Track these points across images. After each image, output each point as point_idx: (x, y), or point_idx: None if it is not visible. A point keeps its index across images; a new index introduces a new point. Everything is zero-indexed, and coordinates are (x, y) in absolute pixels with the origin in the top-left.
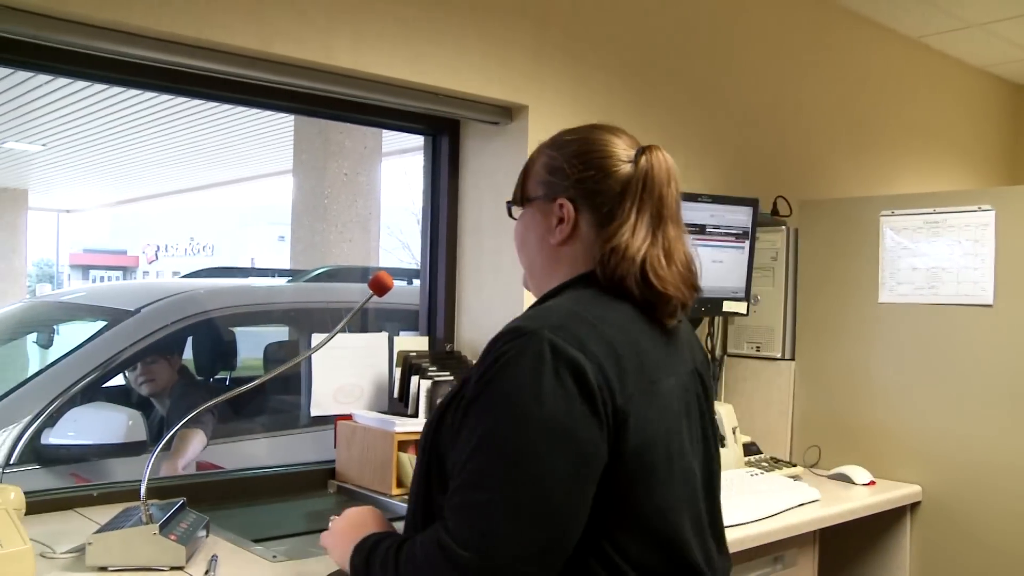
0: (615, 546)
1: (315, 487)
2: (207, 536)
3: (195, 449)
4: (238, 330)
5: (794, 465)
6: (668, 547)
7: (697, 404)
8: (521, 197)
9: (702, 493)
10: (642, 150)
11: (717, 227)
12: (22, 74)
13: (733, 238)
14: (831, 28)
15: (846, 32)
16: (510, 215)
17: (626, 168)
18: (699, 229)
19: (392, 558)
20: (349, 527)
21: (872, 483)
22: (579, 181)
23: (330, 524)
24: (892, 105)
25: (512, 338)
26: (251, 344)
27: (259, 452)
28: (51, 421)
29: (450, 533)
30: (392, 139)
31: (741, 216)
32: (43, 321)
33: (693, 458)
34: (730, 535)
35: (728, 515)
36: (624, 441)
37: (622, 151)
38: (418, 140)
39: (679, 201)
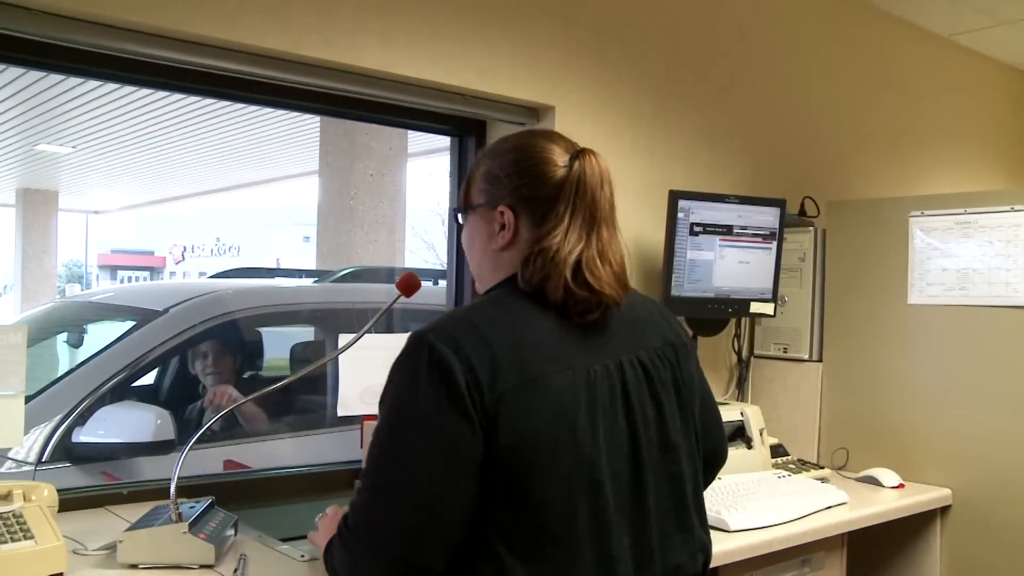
0: (504, 542)
1: (341, 487)
2: (235, 535)
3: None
4: (264, 330)
5: (822, 467)
6: (556, 543)
7: (623, 396)
8: (465, 205)
9: (625, 488)
10: (576, 155)
11: (744, 228)
12: (53, 77)
13: (760, 239)
14: (860, 27)
15: (875, 31)
16: (456, 221)
17: (561, 173)
18: (726, 230)
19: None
20: (331, 525)
21: (901, 486)
22: (516, 188)
23: (316, 523)
24: (922, 104)
25: (408, 343)
26: (277, 344)
27: (286, 452)
28: (81, 420)
29: (346, 518)
30: (418, 140)
31: (768, 217)
32: (73, 321)
33: (599, 452)
34: (757, 537)
35: (755, 517)
36: (496, 437)
37: (558, 157)
38: (444, 141)
39: (612, 204)
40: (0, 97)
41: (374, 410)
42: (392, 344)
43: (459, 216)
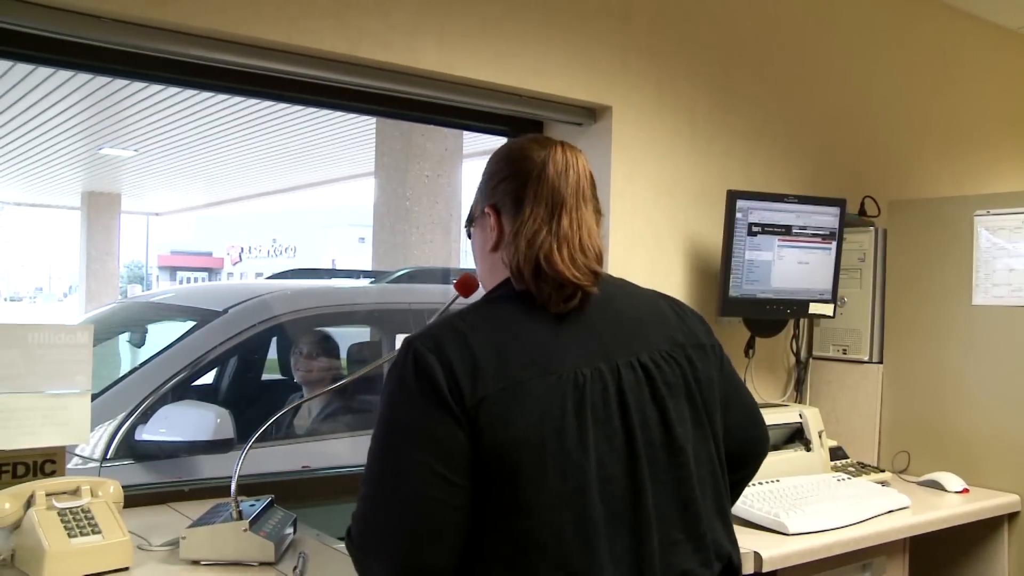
0: (496, 551)
1: None
2: (294, 533)
3: None
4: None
5: (882, 471)
6: (542, 550)
7: (619, 400)
8: (470, 218)
9: (623, 494)
10: (545, 149)
11: (803, 228)
12: (118, 82)
13: (820, 239)
14: (922, 21)
15: (937, 25)
16: (468, 236)
17: (529, 167)
18: (785, 230)
19: None
20: None
21: (965, 491)
22: (495, 188)
23: None
24: (988, 100)
25: (399, 349)
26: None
27: (343, 451)
28: (144, 418)
29: (349, 529)
30: (473, 141)
31: (828, 217)
32: (135, 321)
33: (588, 457)
34: (817, 540)
35: (815, 520)
36: (481, 441)
37: (534, 153)
38: (499, 142)
39: (578, 192)
40: (68, 103)
41: None
42: None
43: (468, 231)
